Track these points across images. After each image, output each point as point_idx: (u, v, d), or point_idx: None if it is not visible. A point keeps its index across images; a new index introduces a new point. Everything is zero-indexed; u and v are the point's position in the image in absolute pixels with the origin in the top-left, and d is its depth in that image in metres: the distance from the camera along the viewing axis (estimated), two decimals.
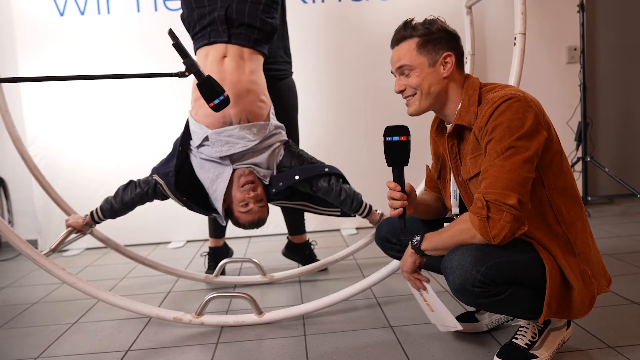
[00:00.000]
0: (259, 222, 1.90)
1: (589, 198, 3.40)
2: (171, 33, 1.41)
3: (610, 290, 1.85)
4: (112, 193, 1.98)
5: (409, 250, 1.36)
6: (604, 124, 3.73)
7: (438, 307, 1.39)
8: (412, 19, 1.36)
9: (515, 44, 1.71)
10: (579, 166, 3.36)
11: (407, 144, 1.33)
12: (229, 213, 1.92)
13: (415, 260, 1.36)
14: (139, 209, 2.00)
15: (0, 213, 3.46)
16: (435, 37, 1.32)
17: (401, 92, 1.37)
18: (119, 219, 2.01)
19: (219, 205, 1.88)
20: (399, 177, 1.36)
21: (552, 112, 3.47)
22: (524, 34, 1.71)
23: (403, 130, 1.33)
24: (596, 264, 1.30)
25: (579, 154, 3.35)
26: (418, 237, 1.33)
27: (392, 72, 1.40)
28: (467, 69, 2.23)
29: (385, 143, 1.33)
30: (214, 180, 1.89)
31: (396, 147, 1.33)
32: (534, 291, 1.24)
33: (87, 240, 2.92)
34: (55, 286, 2.46)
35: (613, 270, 2.12)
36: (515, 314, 1.32)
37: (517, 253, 1.22)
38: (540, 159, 1.24)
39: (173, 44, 1.40)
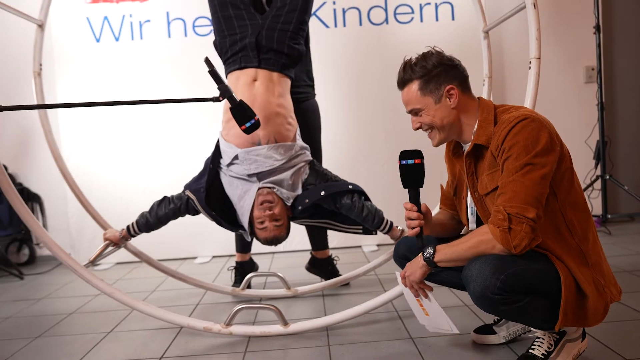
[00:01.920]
0: (274, 240, 1.99)
1: (609, 216, 3.42)
2: (207, 61, 1.53)
3: (626, 305, 1.90)
4: (141, 210, 2.10)
5: (420, 262, 1.41)
6: (623, 142, 3.76)
7: (436, 312, 1.45)
8: (410, 59, 1.45)
9: (530, 67, 1.80)
10: (598, 184, 3.39)
11: (421, 166, 1.42)
12: (251, 229, 2.01)
13: (425, 272, 1.41)
14: (167, 225, 2.11)
15: None
16: (434, 75, 1.40)
17: (419, 129, 1.48)
18: (146, 234, 2.12)
19: (245, 220, 1.99)
20: (415, 198, 1.45)
21: (571, 131, 3.57)
22: (539, 58, 1.79)
23: (417, 154, 1.42)
24: (607, 274, 1.36)
25: (598, 172, 3.38)
26: (430, 250, 1.38)
27: (407, 112, 1.50)
28: (485, 91, 2.32)
29: (401, 166, 1.43)
30: (242, 196, 1.99)
31: (411, 170, 1.42)
32: (550, 300, 1.30)
33: (118, 255, 3.07)
34: (89, 298, 2.58)
35: (632, 287, 2.15)
36: (533, 323, 1.38)
37: (534, 263, 1.29)
38: (553, 174, 1.31)
39: (209, 71, 1.52)
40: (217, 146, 2.08)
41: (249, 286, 2.43)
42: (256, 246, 2.60)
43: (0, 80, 3.48)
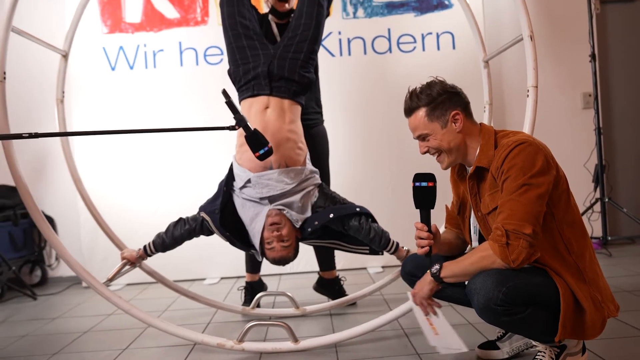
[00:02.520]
0: (281, 260, 2.05)
1: (609, 238, 3.48)
2: (225, 93, 1.64)
3: (625, 322, 1.96)
4: (152, 233, 2.18)
5: (428, 278, 1.49)
6: (622, 166, 3.86)
7: (445, 330, 1.52)
8: (415, 88, 1.56)
9: (528, 95, 1.90)
10: (597, 207, 3.47)
11: (433, 189, 1.51)
12: (262, 249, 2.09)
13: (433, 288, 1.49)
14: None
15: (48, 251, 3.71)
16: (439, 102, 1.51)
17: (426, 153, 1.58)
18: (155, 256, 2.19)
19: (256, 241, 2.07)
20: (426, 219, 1.53)
21: (570, 155, 3.68)
22: (536, 86, 1.90)
23: (430, 177, 1.51)
24: (605, 291, 1.44)
25: (597, 194, 3.47)
26: (437, 266, 1.47)
27: (414, 138, 1.60)
28: (486, 117, 2.42)
29: (414, 188, 1.52)
30: (253, 218, 2.08)
31: (424, 192, 1.51)
32: (550, 313, 1.38)
33: (128, 277, 3.13)
34: (103, 317, 2.64)
35: (632, 306, 2.21)
36: (534, 335, 1.45)
37: (534, 277, 1.37)
38: (550, 195, 1.40)
39: (226, 102, 1.63)
40: (231, 170, 2.18)
41: (258, 305, 2.50)
42: (264, 267, 2.69)
43: (19, 107, 3.60)
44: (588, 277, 1.41)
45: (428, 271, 1.50)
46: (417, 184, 1.51)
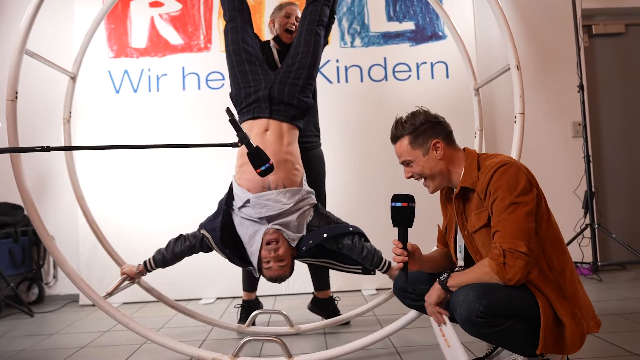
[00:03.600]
0: (278, 278, 2.10)
1: (600, 263, 3.55)
2: (228, 111, 1.72)
3: (611, 342, 2.02)
4: (152, 251, 2.24)
5: (436, 285, 1.57)
6: (611, 192, 3.96)
7: (454, 343, 1.58)
8: (401, 118, 1.68)
9: (515, 122, 2.00)
10: (587, 232, 3.55)
11: (408, 209, 1.60)
12: (259, 266, 2.15)
13: (440, 295, 1.56)
14: (172, 266, 2.24)
15: (46, 268, 3.75)
16: (422, 130, 1.62)
17: (410, 177, 1.69)
18: (152, 275, 2.25)
19: (254, 259, 2.13)
20: (402, 237, 1.62)
21: (561, 181, 3.77)
22: (523, 113, 2.00)
23: (407, 198, 1.60)
24: (585, 307, 1.50)
25: (587, 220, 3.55)
26: (445, 275, 1.54)
27: (400, 164, 1.71)
28: (476, 143, 2.52)
29: (391, 207, 1.62)
30: (252, 237, 2.14)
31: (399, 211, 1.61)
32: (531, 326, 1.43)
33: (125, 295, 3.18)
34: (99, 334, 2.68)
35: (618, 328, 2.27)
36: (515, 347, 1.50)
37: (515, 290, 1.44)
38: (534, 214, 1.48)
39: (229, 120, 1.71)
40: (230, 189, 2.25)
41: (254, 323, 2.54)
42: (261, 288, 2.75)
43: (26, 125, 3.68)
44: (568, 294, 1.48)
45: (437, 280, 1.56)
46: (394, 203, 1.60)
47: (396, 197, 1.61)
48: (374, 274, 2.22)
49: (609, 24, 4.07)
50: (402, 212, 1.60)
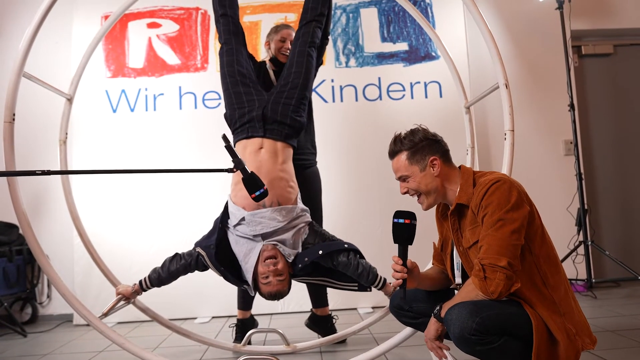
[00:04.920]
0: (277, 294, 2.09)
1: (594, 280, 3.56)
2: (224, 138, 1.74)
3: (604, 358, 2.02)
4: (146, 270, 2.24)
5: (432, 320, 1.56)
6: (604, 210, 3.99)
7: None
8: (400, 134, 1.70)
9: (505, 138, 2.04)
10: (581, 249, 3.57)
11: (410, 226, 1.61)
12: (255, 284, 2.15)
13: (438, 329, 1.55)
14: (167, 285, 2.23)
15: (40, 288, 3.73)
16: (420, 147, 1.65)
17: (406, 193, 1.70)
18: (147, 295, 2.25)
19: (249, 276, 2.13)
20: (402, 253, 1.63)
21: (553, 199, 3.81)
22: (513, 130, 2.04)
23: (409, 215, 1.62)
24: (580, 324, 1.51)
25: (581, 238, 3.57)
26: (438, 307, 1.54)
27: (396, 179, 1.73)
28: (468, 159, 2.56)
29: (393, 224, 1.63)
30: (247, 254, 2.15)
31: (401, 228, 1.61)
32: (524, 344, 1.44)
33: (120, 315, 3.16)
34: (93, 354, 2.65)
35: (613, 344, 2.28)
36: None
37: (509, 307, 1.45)
38: (527, 231, 1.50)
39: (225, 146, 1.73)
40: (226, 207, 2.26)
41: (249, 343, 2.53)
42: (256, 306, 2.74)
43: (23, 147, 3.70)
44: (563, 310, 1.49)
45: (432, 314, 1.56)
46: (396, 220, 1.62)
47: (399, 214, 1.62)
48: (370, 290, 2.23)
49: (598, 44, 4.16)
50: (404, 229, 1.61)
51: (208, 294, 3.43)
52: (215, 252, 2.11)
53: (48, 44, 3.74)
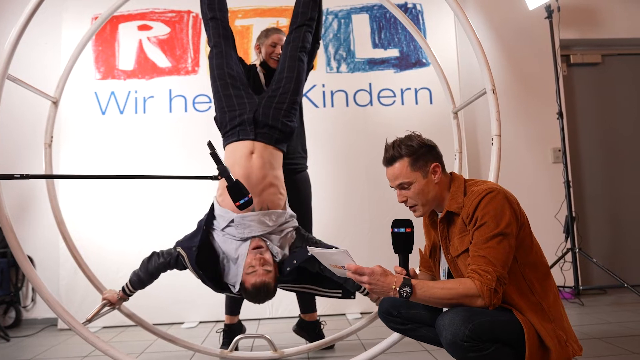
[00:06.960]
0: (262, 286, 1.99)
1: (581, 287, 3.58)
2: (210, 144, 1.73)
3: None
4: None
5: (394, 291, 1.45)
6: (592, 217, 4.02)
7: None
8: (396, 140, 1.65)
9: (492, 144, 2.04)
10: (569, 257, 3.59)
11: (410, 235, 1.60)
12: (241, 284, 2.08)
13: (387, 293, 1.46)
14: (154, 289, 2.21)
15: (24, 292, 3.67)
16: (421, 153, 1.61)
17: (404, 202, 1.65)
18: (134, 299, 2.21)
19: (240, 269, 2.05)
20: (404, 263, 1.60)
21: (542, 206, 3.82)
22: (499, 135, 2.04)
23: (408, 224, 1.60)
24: (569, 331, 1.51)
25: (568, 245, 3.59)
26: (408, 288, 1.44)
27: (391, 187, 1.67)
28: (456, 165, 2.56)
29: (393, 234, 1.60)
30: (237, 249, 2.11)
31: (402, 238, 1.60)
32: (517, 351, 1.44)
33: (105, 320, 3.11)
34: (78, 359, 2.61)
35: (600, 352, 2.28)
36: None
37: (501, 315, 1.45)
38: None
39: (210, 153, 1.72)
40: (211, 210, 2.23)
41: (236, 348, 2.50)
42: (244, 312, 2.72)
43: (8, 149, 3.66)
44: (552, 317, 1.49)
45: (398, 292, 1.46)
46: (396, 229, 1.59)
47: (397, 223, 1.60)
48: (354, 297, 2.22)
49: (587, 54, 4.21)
50: (404, 238, 1.59)
51: (196, 299, 3.39)
52: (197, 254, 2.08)
53: (38, 45, 3.71)
